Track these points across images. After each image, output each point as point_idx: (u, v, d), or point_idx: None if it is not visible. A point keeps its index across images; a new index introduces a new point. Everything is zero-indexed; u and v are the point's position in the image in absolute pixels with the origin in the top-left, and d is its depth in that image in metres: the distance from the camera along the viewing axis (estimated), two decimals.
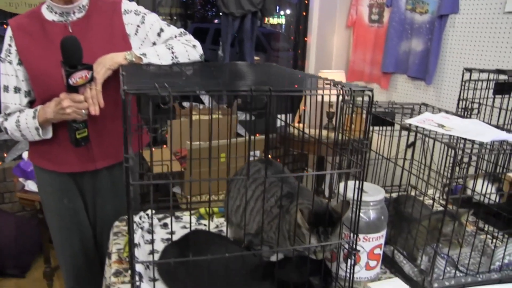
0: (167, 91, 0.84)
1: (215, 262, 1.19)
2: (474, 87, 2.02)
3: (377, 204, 1.30)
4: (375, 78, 3.95)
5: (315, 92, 1.07)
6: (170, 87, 0.87)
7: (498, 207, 1.74)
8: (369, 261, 1.32)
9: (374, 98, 1.11)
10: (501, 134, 1.36)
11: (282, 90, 0.99)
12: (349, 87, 1.04)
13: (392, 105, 1.82)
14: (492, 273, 1.39)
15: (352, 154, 1.16)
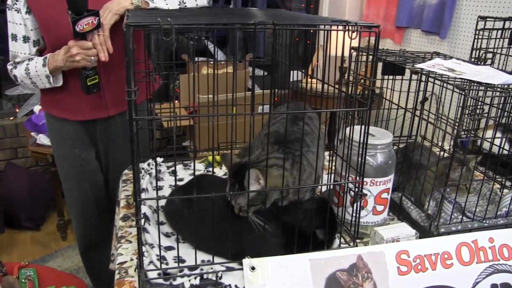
0: (169, 23, 0.83)
1: (219, 203, 1.20)
2: (488, 35, 1.97)
3: (385, 148, 1.29)
4: (388, 33, 3.88)
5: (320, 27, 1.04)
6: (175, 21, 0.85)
7: (508, 157, 1.72)
8: (376, 205, 1.32)
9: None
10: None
11: (286, 24, 0.97)
12: (355, 23, 1.01)
13: (403, 53, 1.79)
14: (499, 218, 1.38)
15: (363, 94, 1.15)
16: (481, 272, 1.25)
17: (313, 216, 1.21)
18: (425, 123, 1.91)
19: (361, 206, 1.31)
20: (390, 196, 1.35)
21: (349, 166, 1.21)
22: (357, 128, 1.34)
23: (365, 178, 1.27)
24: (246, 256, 1.05)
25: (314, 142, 1.32)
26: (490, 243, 1.27)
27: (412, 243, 1.22)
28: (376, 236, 1.26)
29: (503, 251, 1.28)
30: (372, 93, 1.05)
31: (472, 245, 1.25)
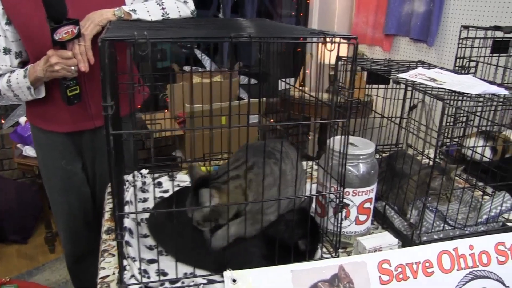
0: (145, 37, 0.83)
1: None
2: (471, 44, 1.99)
3: (367, 158, 1.30)
4: (377, 40, 3.90)
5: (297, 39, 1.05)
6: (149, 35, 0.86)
7: (491, 164, 1.74)
8: (359, 215, 1.33)
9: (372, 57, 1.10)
10: (492, 87, 1.35)
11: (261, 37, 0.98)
12: (332, 35, 1.02)
13: (388, 62, 1.81)
14: (479, 226, 1.40)
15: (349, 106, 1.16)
16: (461, 279, 1.26)
17: (294, 227, 1.21)
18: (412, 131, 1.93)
19: (344, 216, 1.32)
20: (373, 205, 1.36)
21: (331, 177, 1.22)
22: (339, 138, 1.35)
23: (347, 188, 1.28)
24: (228, 269, 1.06)
25: (287, 161, 1.31)
26: (470, 250, 1.28)
27: (393, 252, 1.23)
28: (358, 246, 1.27)
29: (482, 258, 1.29)
30: (350, 104, 1.06)
31: (453, 253, 1.26)
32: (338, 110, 1.17)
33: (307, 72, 3.83)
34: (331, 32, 1.06)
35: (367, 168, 1.30)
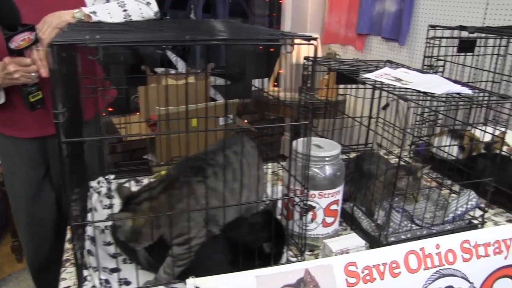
0: (96, 41, 0.81)
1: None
2: (439, 44, 2.01)
3: (333, 160, 1.30)
4: (350, 40, 3.92)
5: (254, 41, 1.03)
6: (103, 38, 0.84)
7: (458, 162, 1.75)
8: (325, 217, 1.32)
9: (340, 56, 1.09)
10: (456, 87, 1.35)
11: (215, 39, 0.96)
12: (292, 37, 1.01)
13: (357, 62, 1.81)
14: (446, 224, 1.40)
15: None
16: (427, 278, 1.26)
17: (259, 230, 1.20)
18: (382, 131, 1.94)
19: (310, 218, 1.31)
20: (340, 207, 1.36)
21: (295, 179, 1.21)
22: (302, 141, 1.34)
23: (313, 190, 1.28)
24: (190, 276, 1.04)
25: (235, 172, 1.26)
26: (437, 249, 1.29)
27: (360, 254, 1.22)
28: (325, 248, 1.26)
29: (448, 256, 1.29)
30: (312, 106, 1.05)
31: (420, 253, 1.27)
32: (303, 112, 1.17)
33: (281, 72, 3.82)
34: (292, 34, 1.05)
35: (333, 169, 1.30)
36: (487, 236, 1.36)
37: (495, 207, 1.71)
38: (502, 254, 1.39)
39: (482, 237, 1.35)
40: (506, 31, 1.86)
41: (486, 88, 2.02)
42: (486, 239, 1.36)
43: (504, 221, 1.62)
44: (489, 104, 1.34)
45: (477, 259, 1.34)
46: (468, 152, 1.90)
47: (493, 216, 1.65)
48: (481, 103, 1.29)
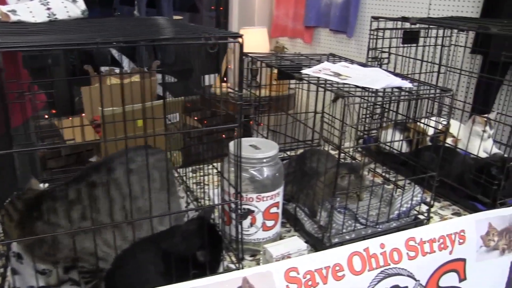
0: None
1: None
2: (382, 36, 1.97)
3: (271, 161, 1.23)
4: (298, 33, 3.88)
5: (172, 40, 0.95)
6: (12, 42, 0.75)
7: (404, 155, 1.72)
8: (265, 221, 1.26)
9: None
10: (397, 80, 1.31)
11: (133, 40, 0.88)
12: (213, 35, 0.93)
13: (298, 57, 1.76)
14: (391, 222, 1.36)
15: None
16: (372, 279, 1.23)
17: (192, 237, 1.13)
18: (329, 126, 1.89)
19: (249, 223, 1.25)
20: (281, 209, 1.30)
21: (229, 184, 1.14)
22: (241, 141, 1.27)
23: (250, 194, 1.21)
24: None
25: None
26: (381, 249, 1.25)
27: (301, 259, 1.17)
28: (266, 254, 1.20)
29: (393, 255, 1.26)
30: (240, 108, 0.98)
31: (364, 253, 1.22)
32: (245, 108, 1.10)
33: (230, 67, 3.75)
34: (217, 31, 0.97)
35: (271, 171, 1.23)
36: (432, 232, 1.34)
37: (442, 200, 1.69)
38: (447, 249, 1.36)
39: (427, 233, 1.32)
40: (448, 22, 1.84)
41: (432, 79, 2.01)
42: (431, 235, 1.33)
43: (450, 214, 1.60)
44: (430, 97, 1.30)
45: (423, 256, 1.31)
46: (414, 145, 1.88)
47: (440, 209, 1.63)
48: (420, 97, 1.25)
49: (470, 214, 1.41)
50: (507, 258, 1.50)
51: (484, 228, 1.44)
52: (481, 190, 1.55)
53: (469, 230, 1.40)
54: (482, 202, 1.56)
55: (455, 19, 1.97)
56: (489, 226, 1.45)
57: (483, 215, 1.44)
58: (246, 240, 1.27)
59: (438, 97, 1.29)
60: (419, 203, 1.41)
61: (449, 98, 1.38)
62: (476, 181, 1.56)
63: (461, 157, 1.70)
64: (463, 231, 1.40)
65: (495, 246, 1.46)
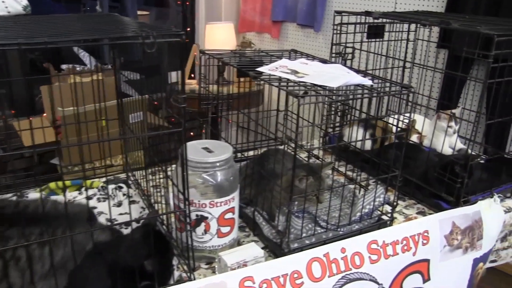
0: None
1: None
2: (346, 31, 1.92)
3: (225, 164, 1.17)
4: (266, 27, 3.82)
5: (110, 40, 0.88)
6: None
7: (368, 153, 1.68)
8: (220, 227, 1.20)
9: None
10: (356, 78, 1.26)
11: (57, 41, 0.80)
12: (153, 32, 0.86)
13: (259, 53, 1.70)
14: (353, 224, 1.32)
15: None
16: (333, 285, 1.18)
17: (138, 246, 1.06)
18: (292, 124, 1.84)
19: (203, 230, 1.19)
20: (237, 214, 1.24)
21: (178, 190, 1.08)
22: (193, 145, 1.21)
23: (203, 200, 1.15)
24: None
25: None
26: (342, 254, 1.20)
27: (258, 267, 1.12)
28: (221, 262, 1.14)
29: (355, 260, 1.21)
30: (184, 111, 0.91)
31: (324, 259, 1.17)
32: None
33: (197, 63, 3.67)
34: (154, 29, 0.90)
35: (225, 175, 1.17)
36: (395, 234, 1.30)
37: (406, 199, 1.66)
38: (410, 251, 1.33)
39: (390, 235, 1.28)
40: (411, 16, 1.80)
41: (398, 74, 1.97)
42: (394, 237, 1.29)
43: (415, 213, 1.57)
44: (390, 95, 1.26)
45: (386, 259, 1.27)
46: (379, 142, 1.84)
47: (404, 208, 1.59)
48: (379, 95, 1.21)
49: (434, 214, 1.38)
50: (469, 256, 1.48)
51: (447, 227, 1.40)
52: (445, 188, 1.52)
53: (432, 230, 1.37)
54: (446, 200, 1.53)
55: (419, 14, 1.94)
56: (452, 225, 1.42)
57: (447, 214, 1.40)
58: (201, 247, 1.21)
59: (398, 95, 1.24)
60: (382, 204, 1.37)
61: (413, 94, 1.35)
62: (440, 179, 1.53)
63: (425, 155, 1.66)
64: (427, 232, 1.36)
65: (459, 244, 1.43)
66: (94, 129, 1.88)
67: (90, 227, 1.08)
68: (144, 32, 0.84)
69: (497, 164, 1.63)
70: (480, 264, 1.55)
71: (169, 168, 1.46)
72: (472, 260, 1.50)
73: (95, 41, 0.81)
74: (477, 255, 1.50)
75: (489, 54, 1.31)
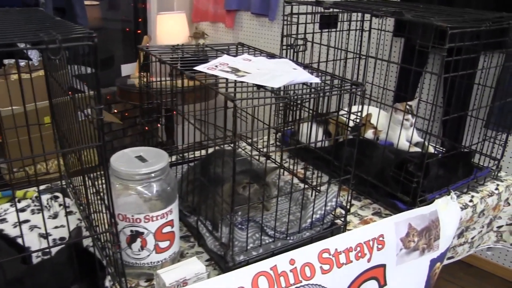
0: None
1: None
2: (297, 21, 1.83)
3: (161, 174, 1.07)
4: (220, 17, 3.69)
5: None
6: None
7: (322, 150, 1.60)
8: (158, 242, 1.10)
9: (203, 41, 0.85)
10: (302, 75, 1.17)
11: None
12: (57, 37, 0.74)
13: (203, 48, 1.59)
14: (303, 232, 1.23)
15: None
16: None
17: (63, 270, 0.95)
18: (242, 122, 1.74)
19: (140, 246, 1.08)
20: (177, 227, 1.14)
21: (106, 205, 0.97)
22: (124, 154, 1.10)
23: (137, 214, 1.05)
24: None
25: None
26: (291, 265, 1.12)
27: (199, 286, 1.02)
28: (159, 280, 1.04)
29: (305, 271, 1.13)
30: (101, 125, 0.79)
31: (271, 273, 1.08)
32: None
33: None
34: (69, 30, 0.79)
35: (162, 186, 1.07)
36: (348, 240, 1.21)
37: (362, 198, 1.59)
38: (365, 257, 1.25)
39: (342, 242, 1.20)
40: (363, 5, 1.72)
41: (354, 64, 1.89)
42: (347, 244, 1.21)
43: (370, 214, 1.50)
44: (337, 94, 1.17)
45: (338, 268, 1.19)
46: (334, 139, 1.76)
47: (360, 209, 1.52)
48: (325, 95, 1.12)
49: (389, 217, 1.31)
50: (426, 257, 1.42)
51: (403, 229, 1.34)
52: (401, 187, 1.45)
53: (388, 234, 1.30)
54: (402, 200, 1.46)
55: (371, 3, 1.86)
56: (409, 227, 1.35)
57: (403, 216, 1.34)
58: (139, 264, 1.11)
59: (347, 93, 1.16)
60: (334, 208, 1.29)
61: (365, 89, 1.26)
62: (396, 178, 1.46)
63: (381, 151, 1.59)
64: (382, 236, 1.29)
65: (415, 246, 1.37)
66: (36, 130, 1.75)
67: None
68: (48, 36, 0.72)
69: (454, 160, 1.57)
70: (437, 264, 1.49)
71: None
72: (429, 261, 1.44)
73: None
74: (434, 255, 1.44)
75: (443, 47, 1.24)
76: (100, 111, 0.76)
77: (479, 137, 1.69)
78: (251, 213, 1.19)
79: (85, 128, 0.93)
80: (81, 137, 0.96)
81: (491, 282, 2.87)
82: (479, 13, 1.59)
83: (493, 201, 1.65)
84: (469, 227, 1.65)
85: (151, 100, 1.49)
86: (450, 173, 1.56)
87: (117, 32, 4.11)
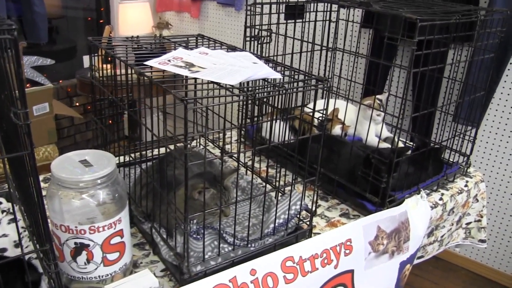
0: None
1: None
2: (261, 12, 1.74)
3: (107, 180, 0.97)
4: (185, 7, 3.57)
5: None
6: None
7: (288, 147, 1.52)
8: (106, 255, 1.00)
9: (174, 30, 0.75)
10: (263, 71, 1.08)
11: None
12: None
13: (160, 39, 1.49)
14: (266, 238, 1.15)
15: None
16: None
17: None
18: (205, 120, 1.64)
19: (86, 259, 0.99)
20: (128, 237, 1.05)
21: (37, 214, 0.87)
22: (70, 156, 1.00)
23: (81, 225, 0.95)
24: None
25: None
26: (252, 276, 1.04)
27: None
28: None
29: (268, 281, 1.05)
30: (28, 135, 0.69)
31: (230, 285, 1.00)
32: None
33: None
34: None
35: (109, 193, 0.97)
36: (314, 247, 1.14)
37: (330, 198, 1.52)
38: (332, 264, 1.18)
39: (307, 249, 1.12)
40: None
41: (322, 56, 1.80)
42: (312, 250, 1.13)
43: (338, 216, 1.43)
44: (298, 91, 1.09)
45: (303, 277, 1.12)
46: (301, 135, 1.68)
47: (327, 210, 1.45)
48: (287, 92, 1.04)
49: (357, 220, 1.24)
50: (396, 259, 1.36)
51: (372, 232, 1.27)
52: (370, 187, 1.38)
53: (356, 238, 1.23)
54: (371, 201, 1.39)
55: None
56: (377, 230, 1.28)
57: (371, 218, 1.27)
58: (85, 278, 1.01)
59: (310, 89, 1.08)
60: (299, 211, 1.21)
61: (330, 84, 1.19)
62: (364, 178, 1.39)
63: (349, 149, 1.52)
64: (350, 240, 1.22)
65: (384, 249, 1.31)
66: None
67: None
68: None
69: (423, 156, 1.51)
70: (407, 266, 1.44)
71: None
72: (398, 264, 1.38)
73: None
74: (403, 257, 1.39)
75: (413, 40, 1.17)
76: (26, 114, 0.66)
77: (449, 132, 1.63)
78: (209, 220, 1.10)
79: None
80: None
81: (458, 275, 2.87)
82: (448, 5, 1.53)
83: (463, 198, 1.60)
84: (438, 225, 1.60)
85: (103, 95, 1.38)
86: (420, 170, 1.50)
87: (79, 21, 3.95)
